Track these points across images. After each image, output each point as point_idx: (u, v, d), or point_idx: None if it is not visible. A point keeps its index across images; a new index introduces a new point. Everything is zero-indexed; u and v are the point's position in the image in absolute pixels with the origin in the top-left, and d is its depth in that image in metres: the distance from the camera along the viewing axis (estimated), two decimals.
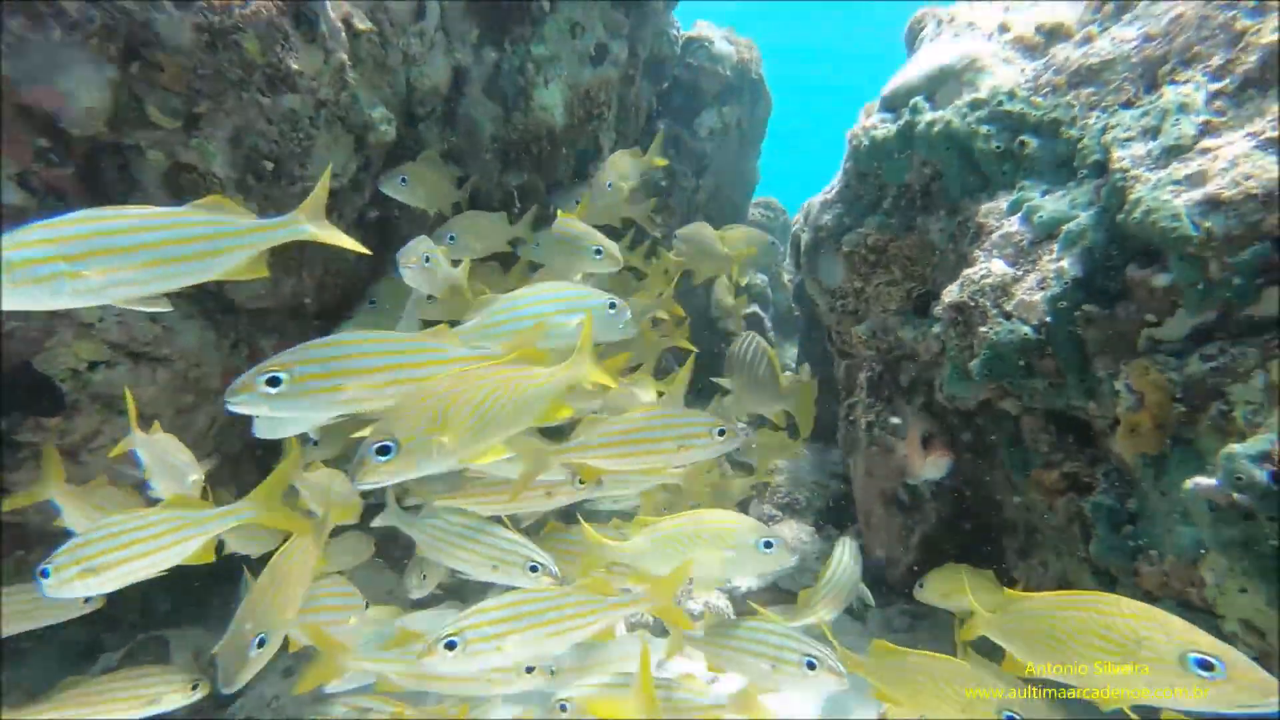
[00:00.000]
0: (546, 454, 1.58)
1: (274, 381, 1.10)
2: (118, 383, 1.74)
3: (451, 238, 2.16)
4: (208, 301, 2.01)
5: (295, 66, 1.65)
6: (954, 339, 1.55)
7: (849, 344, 2.09)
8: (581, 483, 1.76)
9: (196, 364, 1.94)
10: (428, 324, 2.08)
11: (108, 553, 1.20)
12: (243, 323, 2.11)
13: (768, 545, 1.58)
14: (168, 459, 1.51)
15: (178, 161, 1.67)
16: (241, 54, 1.55)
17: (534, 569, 1.61)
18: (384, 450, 1.10)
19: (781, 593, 2.79)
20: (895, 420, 2.29)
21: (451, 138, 2.57)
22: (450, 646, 1.31)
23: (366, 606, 1.67)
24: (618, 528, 1.82)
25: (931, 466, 2.07)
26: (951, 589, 1.97)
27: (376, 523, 1.82)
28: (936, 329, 1.57)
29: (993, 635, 1.30)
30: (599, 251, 2.06)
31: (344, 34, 1.86)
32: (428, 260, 2.00)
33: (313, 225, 1.24)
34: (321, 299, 2.31)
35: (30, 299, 0.99)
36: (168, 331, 1.81)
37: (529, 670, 1.54)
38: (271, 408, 1.11)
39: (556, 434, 1.66)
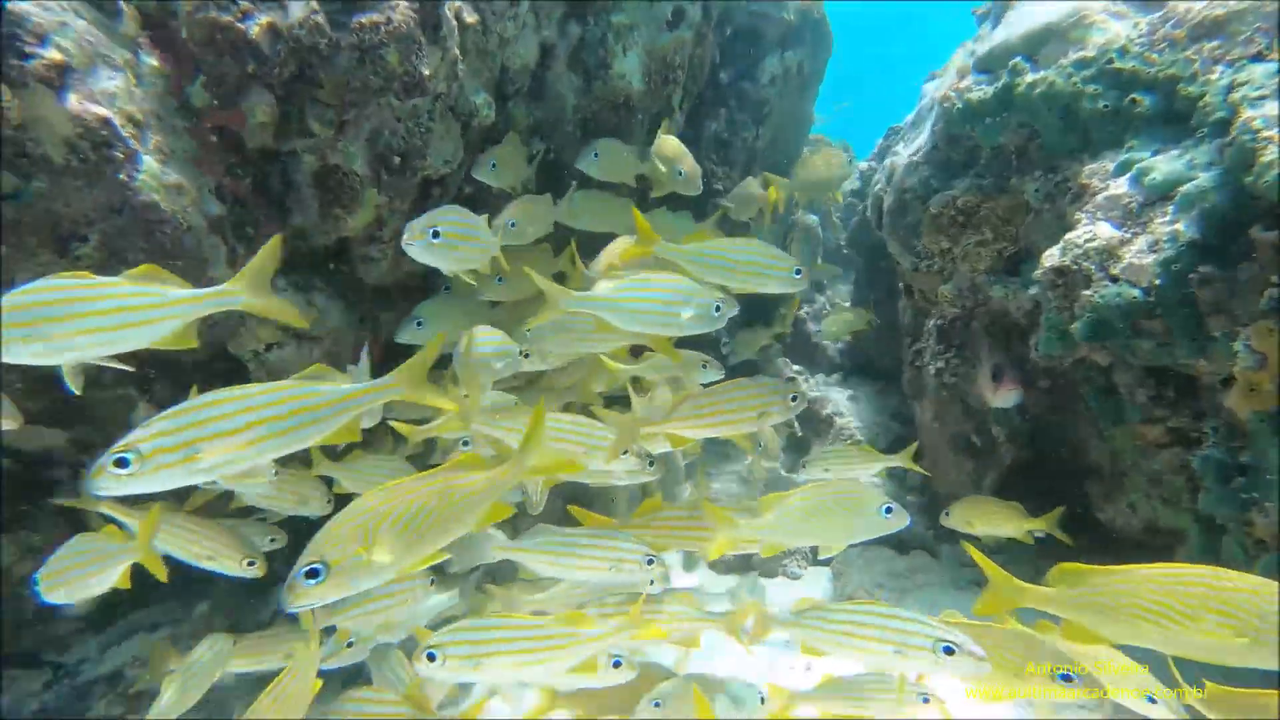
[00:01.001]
0: (638, 425, 1.74)
1: (122, 463, 1.04)
2: (287, 360, 2.06)
3: (512, 224, 2.25)
4: (342, 282, 2.30)
5: (426, 72, 1.87)
6: (1053, 301, 1.68)
7: (934, 302, 2.25)
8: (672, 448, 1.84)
9: (336, 341, 2.25)
10: (493, 304, 2.31)
11: None
12: (367, 300, 2.41)
13: (888, 510, 1.66)
14: None
15: (326, 163, 1.92)
16: (384, 65, 1.77)
17: (650, 561, 1.71)
18: (313, 573, 1.09)
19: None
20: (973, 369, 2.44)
21: (536, 112, 2.75)
22: (430, 658, 1.39)
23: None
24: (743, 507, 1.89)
25: (1001, 397, 2.22)
26: (974, 516, 2.20)
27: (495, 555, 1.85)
28: (1033, 290, 1.71)
29: (1061, 610, 1.30)
30: (681, 172, 2.18)
31: (456, 29, 2.06)
32: (436, 235, 1.98)
33: (248, 295, 1.22)
34: (430, 278, 2.58)
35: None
36: (322, 313, 2.11)
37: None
38: (127, 488, 1.05)
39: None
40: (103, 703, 1.90)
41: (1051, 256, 1.70)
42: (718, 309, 1.65)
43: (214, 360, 1.88)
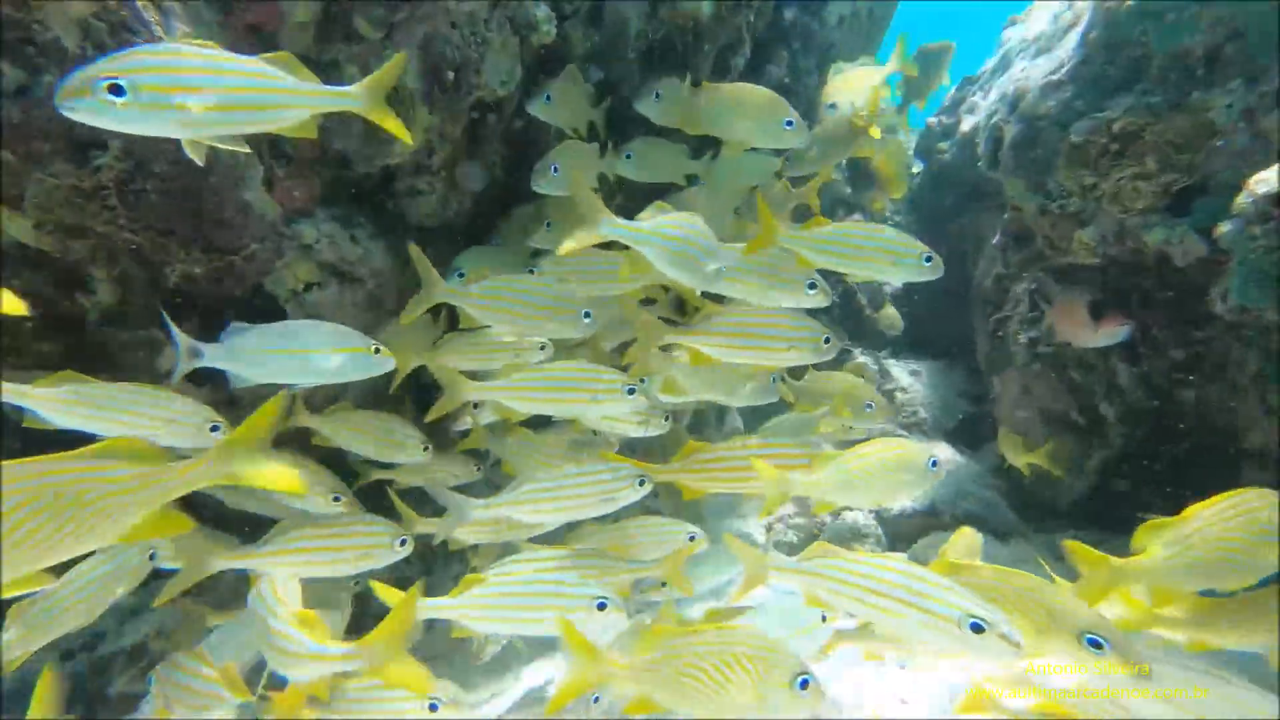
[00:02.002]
0: (663, 330, 1.72)
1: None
2: (326, 303, 1.87)
3: (555, 169, 2.08)
4: (386, 220, 2.10)
5: None
6: (1259, 239, 1.43)
7: (1065, 251, 2.00)
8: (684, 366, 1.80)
9: (380, 284, 2.05)
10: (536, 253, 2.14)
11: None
12: (410, 239, 2.21)
13: (934, 464, 1.66)
14: None
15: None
16: None
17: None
18: None
19: (934, 518, 2.84)
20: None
21: (594, 36, 2.51)
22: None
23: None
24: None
25: (1106, 333, 1.99)
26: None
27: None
28: (1227, 228, 1.46)
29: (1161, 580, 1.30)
30: (790, 122, 1.98)
31: None
32: (555, 170, 2.01)
33: (367, 101, 1.29)
34: (474, 218, 2.38)
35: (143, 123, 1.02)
36: (366, 252, 1.92)
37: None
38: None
39: None
40: (124, 678, 1.77)
41: (1266, 182, 1.44)
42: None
43: (251, 298, 1.70)
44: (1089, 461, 2.39)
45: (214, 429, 1.40)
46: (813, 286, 1.66)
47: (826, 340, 1.67)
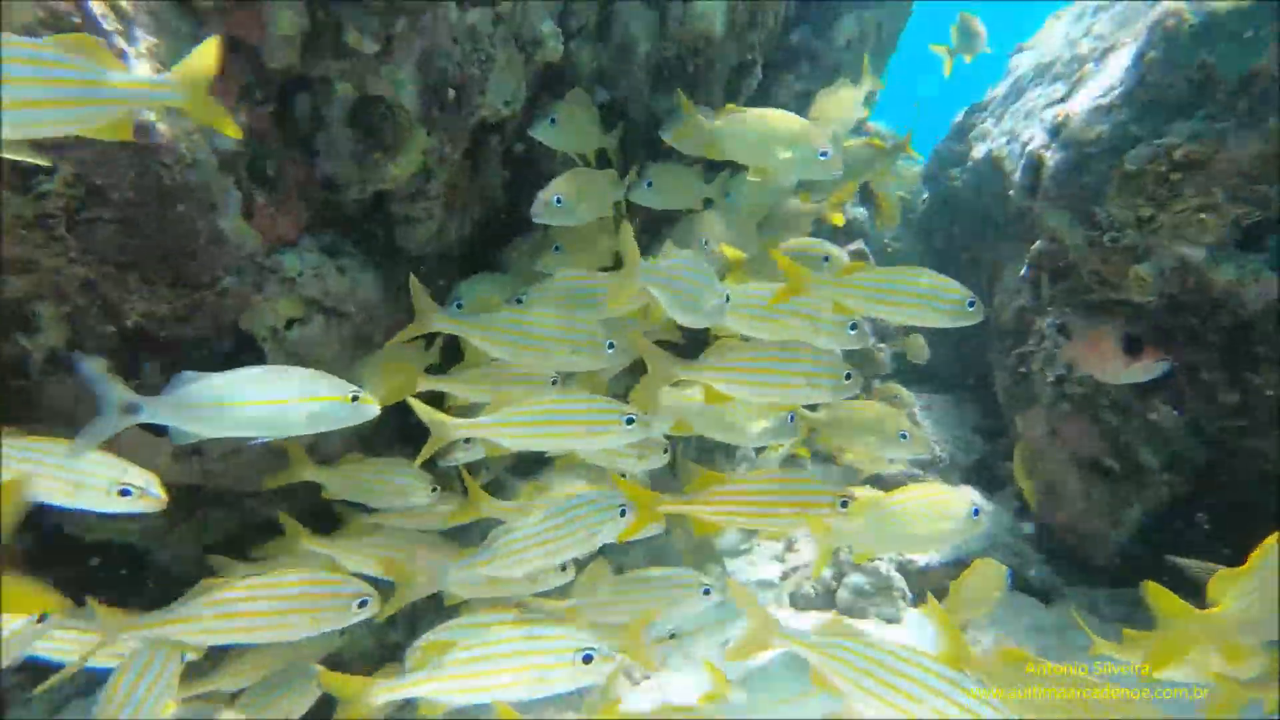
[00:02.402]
0: (675, 365, 1.62)
1: None
2: (310, 341, 1.70)
3: (559, 200, 1.95)
4: (376, 247, 1.94)
5: None
6: None
7: (1118, 286, 1.87)
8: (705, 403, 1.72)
9: (370, 318, 1.89)
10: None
11: None
12: (403, 270, 2.05)
13: (976, 513, 1.64)
14: None
15: (366, 93, 1.57)
16: None
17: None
18: None
19: (963, 567, 2.68)
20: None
21: (602, 56, 2.39)
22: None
23: None
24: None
25: (1143, 369, 1.85)
26: None
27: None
28: None
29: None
30: (825, 154, 1.87)
31: None
32: (559, 201, 1.90)
33: (187, 93, 1.05)
34: (473, 245, 2.23)
35: None
36: (354, 284, 1.76)
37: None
38: None
39: None
40: None
41: None
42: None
43: (220, 337, 1.53)
44: (1128, 511, 2.25)
45: (124, 493, 1.21)
46: (854, 328, 1.58)
47: (848, 376, 1.60)
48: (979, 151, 3.74)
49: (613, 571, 1.94)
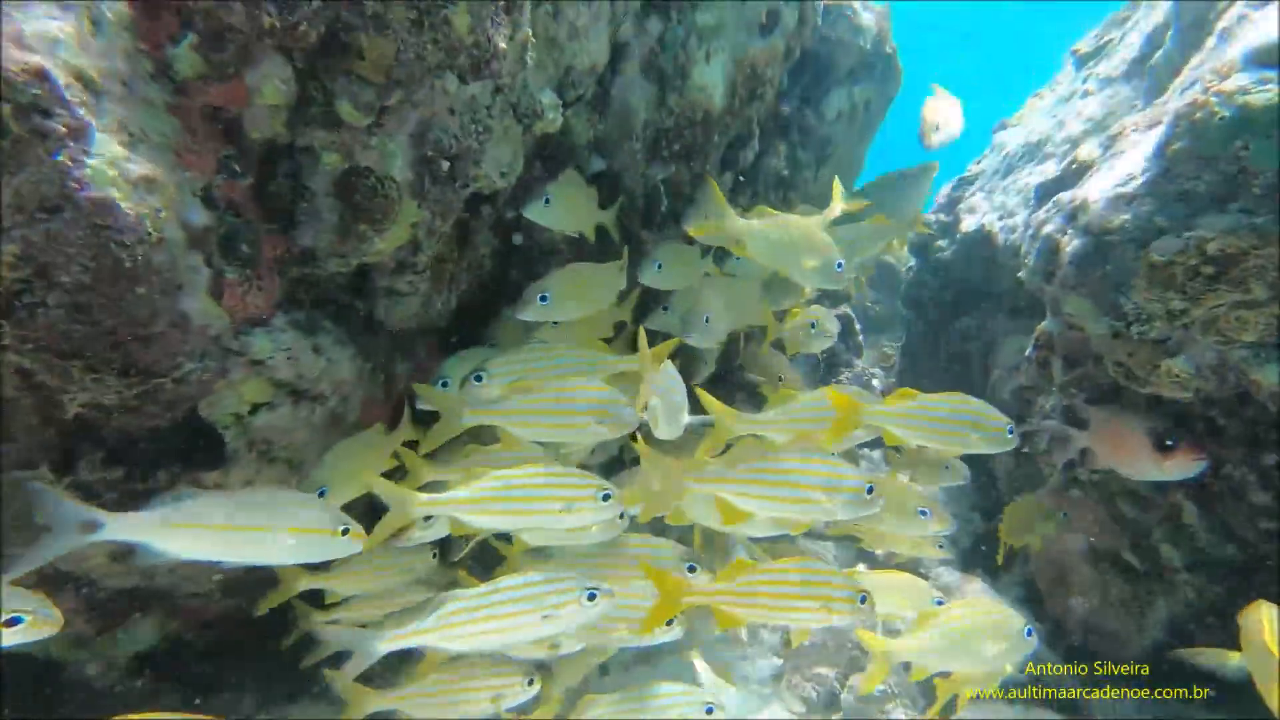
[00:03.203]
0: (681, 478, 1.55)
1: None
2: (277, 427, 1.57)
3: (543, 298, 1.90)
4: (355, 324, 1.83)
5: (502, 45, 1.45)
6: None
7: (1145, 381, 1.83)
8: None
9: (345, 398, 1.77)
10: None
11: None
12: (382, 346, 1.94)
13: (1029, 633, 1.68)
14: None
15: (355, 164, 1.48)
16: (450, 32, 1.35)
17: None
18: None
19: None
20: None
21: (599, 125, 2.36)
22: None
23: None
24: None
25: (1180, 465, 1.81)
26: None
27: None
28: None
29: None
30: (841, 265, 1.94)
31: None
32: (544, 299, 1.84)
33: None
34: (457, 315, 2.14)
35: None
36: (330, 364, 1.64)
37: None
38: None
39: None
40: None
41: None
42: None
43: (175, 431, 1.39)
44: (1152, 613, 2.16)
45: (12, 621, 1.12)
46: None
47: (870, 491, 1.55)
48: (969, 224, 3.80)
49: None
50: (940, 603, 1.97)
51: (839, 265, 1.92)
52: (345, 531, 1.28)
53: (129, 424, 1.30)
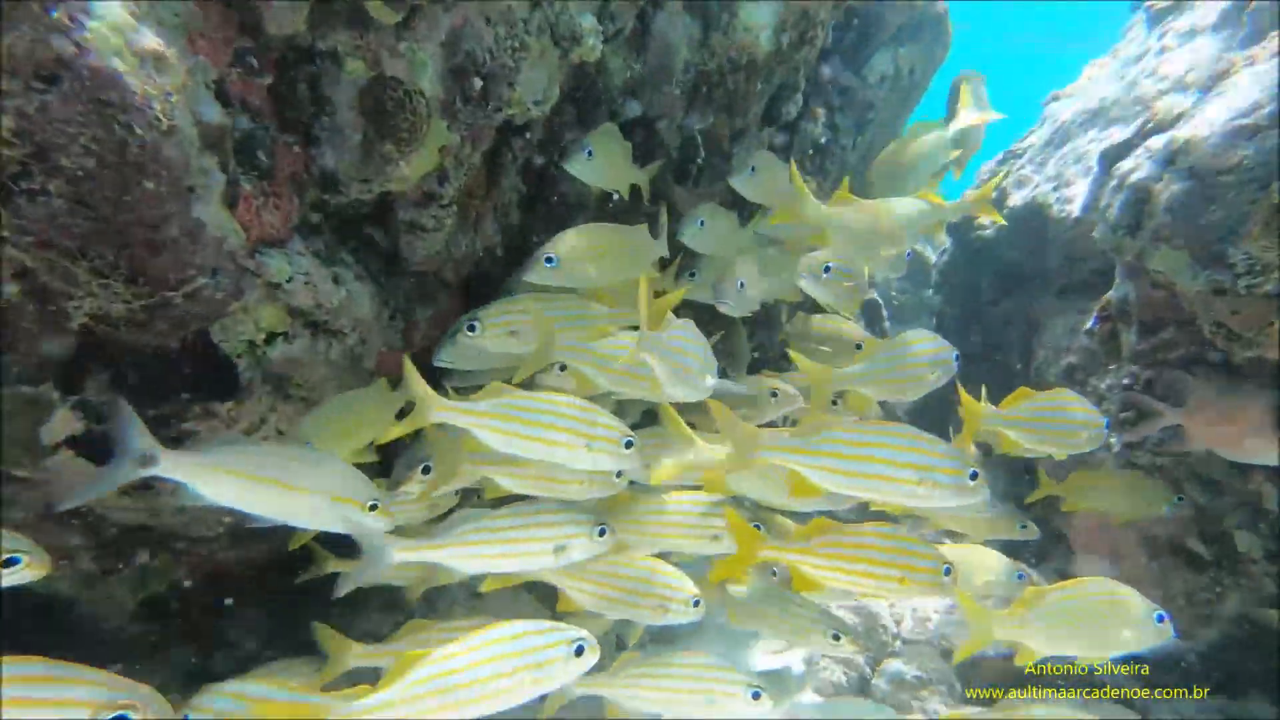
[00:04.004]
0: (758, 446, 1.44)
1: None
2: (293, 360, 1.48)
3: (550, 260, 1.71)
4: (376, 260, 1.74)
5: None
6: None
7: (1251, 343, 1.69)
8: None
9: (363, 339, 1.68)
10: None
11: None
12: (404, 289, 1.85)
13: (1160, 619, 1.53)
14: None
15: (380, 75, 1.39)
16: None
17: (602, 533, 1.55)
18: None
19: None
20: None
21: (635, 65, 2.25)
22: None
23: None
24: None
25: None
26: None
27: None
28: None
29: None
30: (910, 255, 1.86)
31: None
32: (550, 261, 1.68)
33: None
34: (480, 268, 2.04)
35: None
36: (350, 298, 1.55)
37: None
38: None
39: None
40: None
41: None
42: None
43: (186, 356, 1.31)
44: (1220, 604, 2.04)
45: (10, 562, 1.11)
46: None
47: (974, 476, 1.41)
48: (1018, 199, 3.64)
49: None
50: (1021, 577, 1.87)
51: (909, 254, 1.99)
52: (374, 507, 1.29)
53: (137, 341, 1.22)
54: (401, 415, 1.52)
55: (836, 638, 1.79)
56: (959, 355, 1.78)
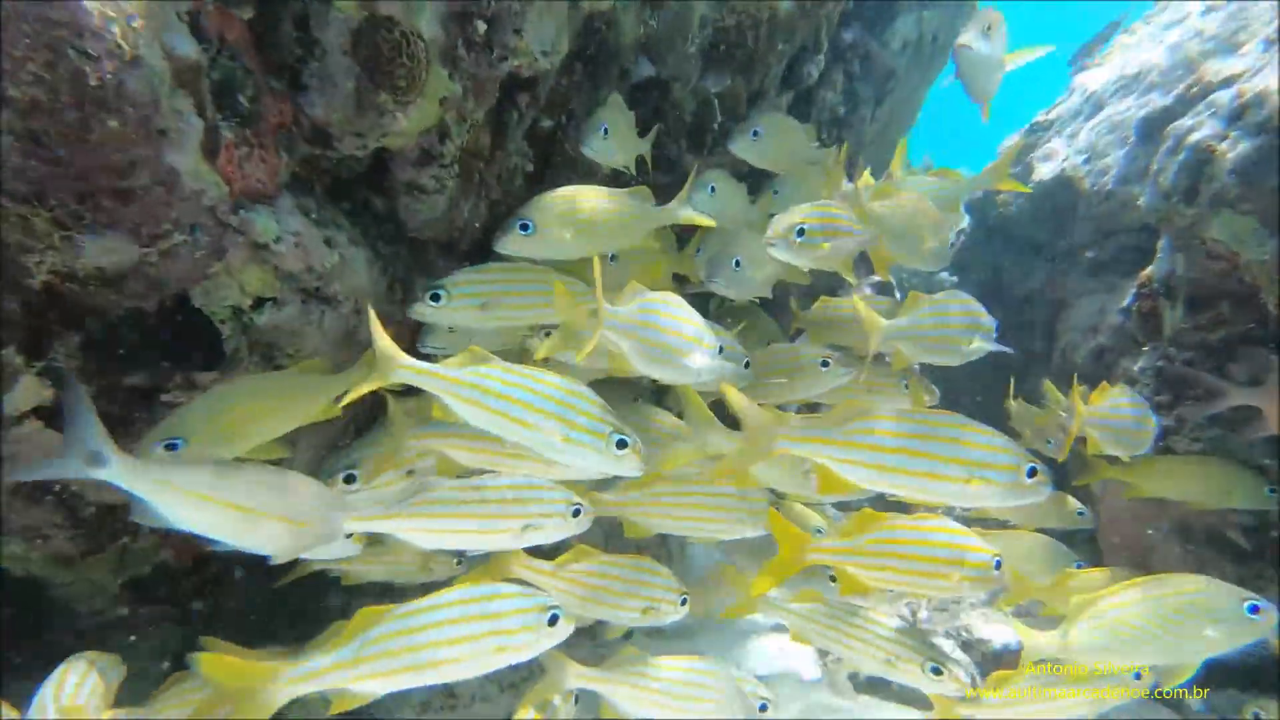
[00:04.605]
0: (776, 435, 1.30)
1: None
2: (283, 329, 1.38)
3: (524, 225, 1.60)
4: (372, 226, 1.64)
5: None
6: None
7: None
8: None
9: (358, 310, 1.58)
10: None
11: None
12: (403, 255, 1.75)
13: (1254, 610, 1.34)
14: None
15: (374, 15, 1.28)
16: None
17: (576, 513, 1.41)
18: None
19: None
20: None
21: (650, 20, 2.12)
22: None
23: None
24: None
25: None
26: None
27: None
28: None
29: None
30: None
31: None
32: (525, 227, 1.57)
33: None
34: (483, 240, 1.93)
35: None
36: (345, 263, 1.45)
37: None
38: None
39: None
40: None
41: None
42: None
43: (164, 316, 1.21)
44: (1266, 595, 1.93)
45: None
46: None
47: (1032, 473, 1.27)
48: (1045, 171, 3.51)
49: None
50: (1081, 566, 1.75)
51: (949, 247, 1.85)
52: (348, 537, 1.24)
53: (108, 303, 1.12)
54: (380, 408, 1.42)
55: (938, 671, 1.51)
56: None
